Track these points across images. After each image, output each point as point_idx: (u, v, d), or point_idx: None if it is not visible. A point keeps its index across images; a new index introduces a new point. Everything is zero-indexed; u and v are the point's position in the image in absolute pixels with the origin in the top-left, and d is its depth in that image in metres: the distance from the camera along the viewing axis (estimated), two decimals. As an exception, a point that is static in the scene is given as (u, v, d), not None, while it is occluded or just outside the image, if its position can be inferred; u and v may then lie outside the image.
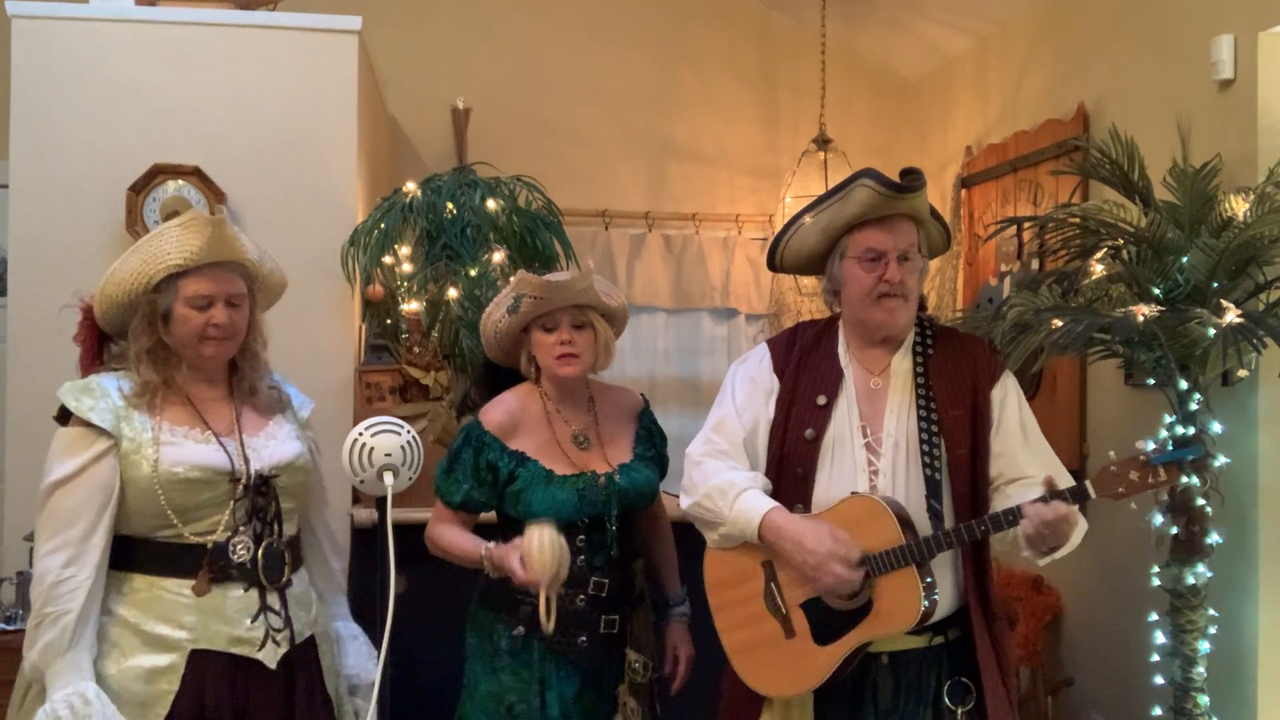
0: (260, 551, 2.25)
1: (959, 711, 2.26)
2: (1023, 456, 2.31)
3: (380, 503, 2.05)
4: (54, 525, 2.18)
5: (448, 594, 2.62)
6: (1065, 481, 2.22)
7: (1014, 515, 2.15)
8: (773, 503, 2.29)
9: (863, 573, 2.19)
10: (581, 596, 2.50)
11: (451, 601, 2.62)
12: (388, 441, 2.04)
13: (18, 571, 3.22)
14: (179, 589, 2.21)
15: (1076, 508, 2.14)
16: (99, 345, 2.36)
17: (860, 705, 2.29)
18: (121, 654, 2.18)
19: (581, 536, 2.51)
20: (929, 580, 2.19)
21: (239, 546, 2.24)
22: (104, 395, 2.23)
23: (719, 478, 2.33)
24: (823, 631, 2.25)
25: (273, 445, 2.34)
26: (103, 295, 2.29)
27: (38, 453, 3.41)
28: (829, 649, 2.24)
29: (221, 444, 2.27)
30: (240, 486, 2.25)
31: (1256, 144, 3.07)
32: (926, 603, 2.17)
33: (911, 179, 2.28)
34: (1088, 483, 2.13)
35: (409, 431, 2.09)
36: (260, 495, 2.27)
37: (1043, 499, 2.12)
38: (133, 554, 2.24)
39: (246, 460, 2.28)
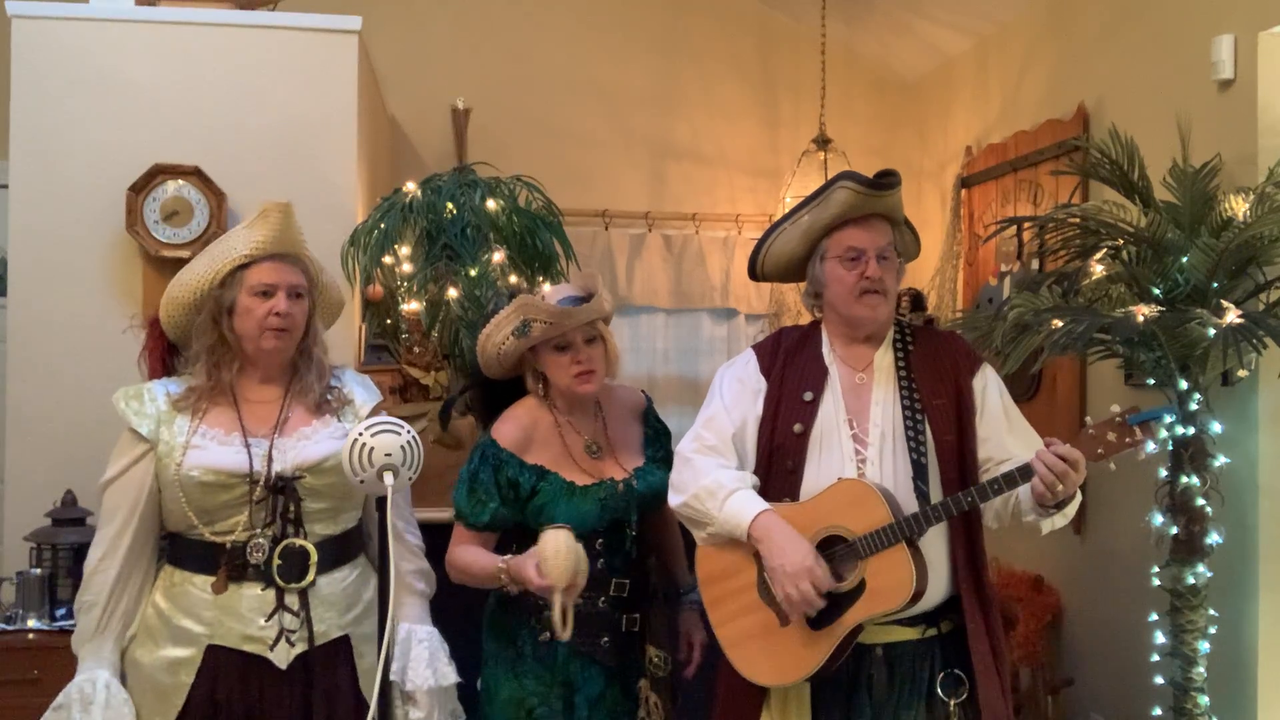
0: (277, 552, 2.28)
1: (951, 703, 2.30)
2: (1009, 439, 2.37)
3: (380, 503, 2.04)
4: (101, 520, 2.33)
5: (452, 594, 2.62)
6: None
7: (999, 485, 2.20)
8: (763, 505, 2.32)
9: (823, 604, 2.23)
10: (603, 599, 2.51)
11: (457, 602, 2.61)
12: (388, 441, 2.03)
13: (17, 571, 3.22)
14: (204, 585, 2.28)
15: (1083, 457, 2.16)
16: (167, 356, 2.43)
17: (855, 697, 2.32)
18: (154, 644, 2.29)
19: (600, 540, 2.52)
20: (919, 557, 2.23)
21: (255, 547, 2.27)
22: (151, 400, 2.32)
23: (708, 478, 2.36)
24: (818, 616, 2.27)
25: (302, 445, 2.33)
26: (169, 299, 2.36)
27: (38, 453, 3.46)
28: (825, 633, 2.26)
29: (247, 446, 2.30)
30: (260, 488, 2.27)
31: (1256, 144, 3.07)
32: (918, 578, 2.20)
33: (888, 177, 2.36)
34: (1068, 445, 2.16)
35: (409, 431, 2.08)
36: (282, 496, 2.29)
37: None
38: (175, 549, 2.34)
39: (270, 462, 2.29)
